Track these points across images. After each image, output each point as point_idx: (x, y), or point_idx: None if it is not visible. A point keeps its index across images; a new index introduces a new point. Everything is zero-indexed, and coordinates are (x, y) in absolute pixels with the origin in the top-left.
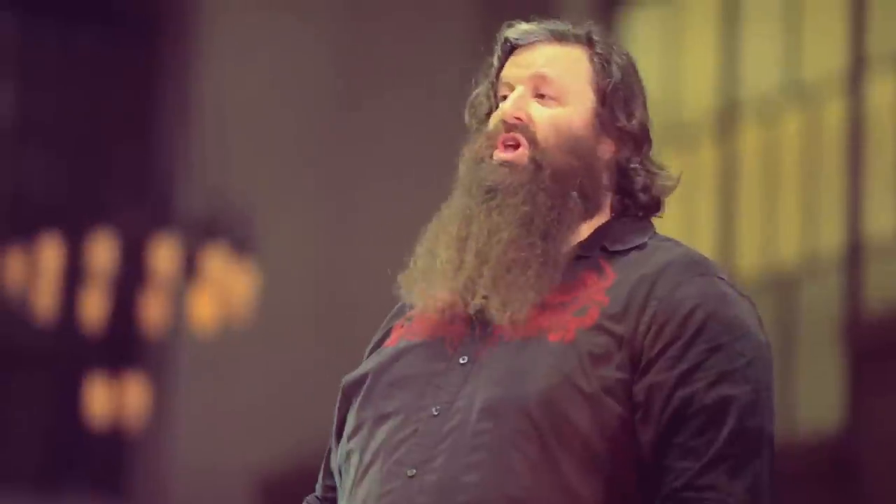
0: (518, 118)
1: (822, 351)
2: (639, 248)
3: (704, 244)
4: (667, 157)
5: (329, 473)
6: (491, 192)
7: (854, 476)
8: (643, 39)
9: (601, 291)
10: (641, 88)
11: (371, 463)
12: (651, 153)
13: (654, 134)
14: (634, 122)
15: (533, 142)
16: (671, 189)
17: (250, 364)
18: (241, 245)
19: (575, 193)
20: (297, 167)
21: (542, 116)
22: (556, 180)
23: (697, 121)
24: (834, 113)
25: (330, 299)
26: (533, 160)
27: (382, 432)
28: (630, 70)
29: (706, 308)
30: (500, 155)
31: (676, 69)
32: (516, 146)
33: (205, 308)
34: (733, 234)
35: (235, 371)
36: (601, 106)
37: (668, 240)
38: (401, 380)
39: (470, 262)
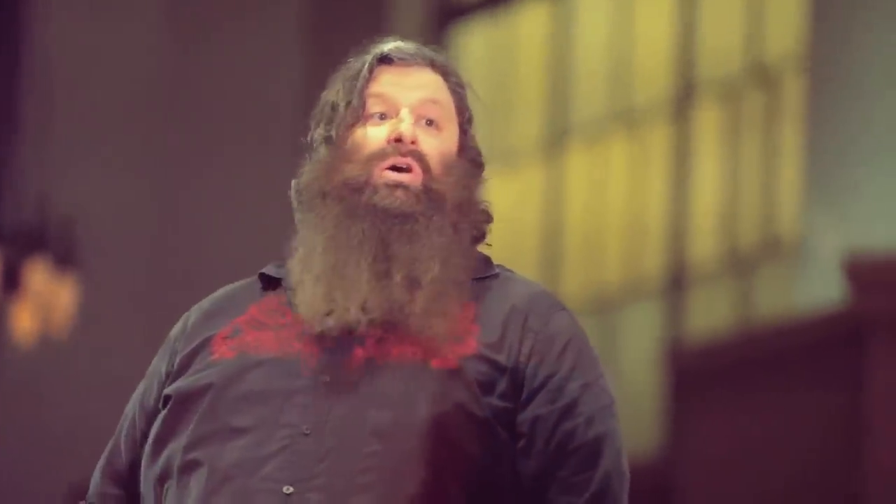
0: (414, 143)
1: (643, 375)
2: (491, 277)
3: (530, 265)
4: (495, 178)
5: (112, 481)
6: (399, 217)
7: (671, 502)
8: (475, 53)
9: (468, 319)
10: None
11: (228, 477)
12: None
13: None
14: (481, 154)
15: (427, 170)
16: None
17: (72, 377)
18: (64, 257)
19: (466, 225)
20: (125, 178)
21: (432, 145)
22: (455, 211)
23: (526, 141)
24: (661, 137)
25: (155, 312)
26: (428, 188)
27: (237, 447)
28: (471, 101)
29: (576, 344)
30: (392, 176)
31: (507, 87)
32: (408, 170)
33: (26, 321)
34: (558, 256)
35: (57, 384)
36: (463, 137)
37: (509, 270)
38: (251, 395)
39: (399, 283)
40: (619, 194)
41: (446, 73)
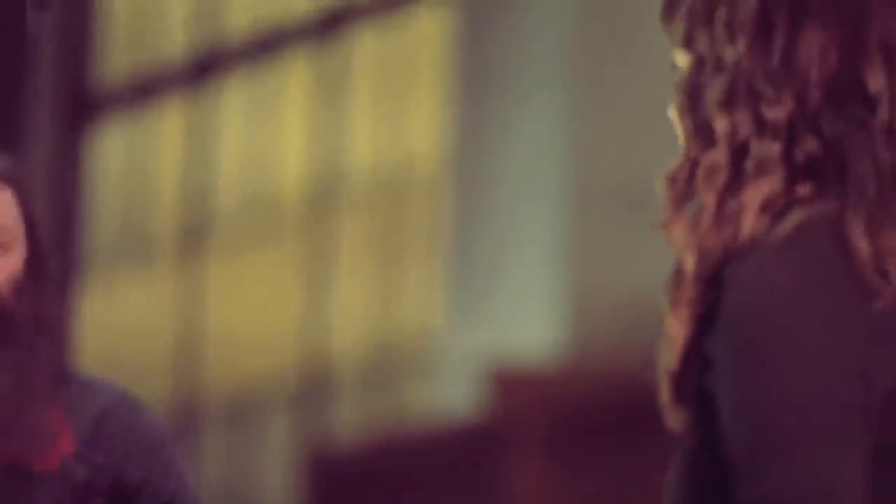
0: None
1: (282, 483)
2: (69, 381)
3: (163, 371)
4: (127, 284)
5: None
6: None
7: None
8: (111, 154)
9: (59, 421)
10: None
11: None
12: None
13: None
14: (54, 264)
15: None
16: None
17: None
18: None
19: (43, 339)
20: None
21: (2, 269)
22: (29, 332)
23: (160, 240)
24: (297, 248)
25: None
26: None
27: None
28: (39, 209)
29: (164, 440)
30: None
31: (142, 184)
32: None
33: None
34: (196, 362)
35: None
36: (31, 250)
37: (83, 372)
38: None
39: None
40: (256, 300)
41: (17, 182)
